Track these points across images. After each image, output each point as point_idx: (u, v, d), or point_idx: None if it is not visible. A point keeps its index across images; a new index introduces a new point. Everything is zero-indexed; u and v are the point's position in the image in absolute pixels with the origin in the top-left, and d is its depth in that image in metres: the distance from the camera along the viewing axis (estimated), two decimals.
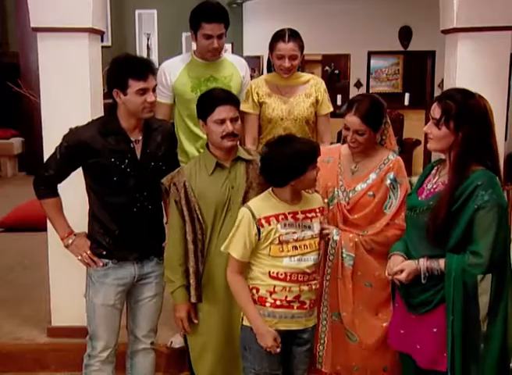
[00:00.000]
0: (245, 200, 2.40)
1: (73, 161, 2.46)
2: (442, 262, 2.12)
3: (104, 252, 2.50)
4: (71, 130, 2.47)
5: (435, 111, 2.14)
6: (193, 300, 2.45)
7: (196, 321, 2.48)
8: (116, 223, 2.48)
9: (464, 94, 2.15)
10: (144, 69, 2.40)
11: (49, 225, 3.29)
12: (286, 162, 2.19)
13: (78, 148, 2.41)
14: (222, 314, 2.47)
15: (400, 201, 2.48)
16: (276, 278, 2.25)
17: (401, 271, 2.20)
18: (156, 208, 2.57)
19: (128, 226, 2.48)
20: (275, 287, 2.26)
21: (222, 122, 2.38)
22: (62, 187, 2.56)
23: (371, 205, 2.49)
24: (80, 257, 2.51)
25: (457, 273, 2.07)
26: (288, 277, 2.25)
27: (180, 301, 2.46)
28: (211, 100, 2.44)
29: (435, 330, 2.16)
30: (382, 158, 2.54)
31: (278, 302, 2.26)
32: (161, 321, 2.72)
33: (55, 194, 2.54)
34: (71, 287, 3.14)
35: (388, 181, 2.50)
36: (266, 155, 2.28)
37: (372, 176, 2.52)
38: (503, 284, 2.11)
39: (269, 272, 2.26)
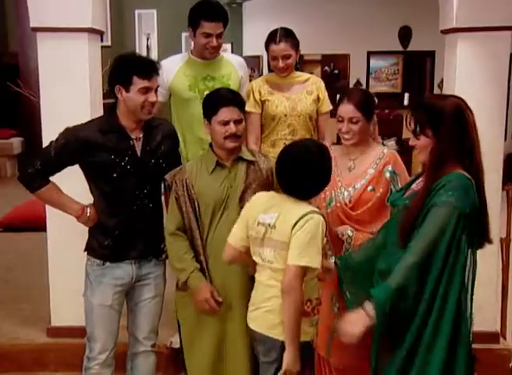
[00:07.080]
0: (242, 199, 2.42)
1: (69, 158, 2.45)
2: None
3: (104, 252, 2.49)
4: (68, 128, 2.47)
5: (411, 123, 2.15)
6: None
7: (220, 299, 2.44)
8: (116, 221, 2.47)
9: (433, 99, 2.16)
10: (150, 68, 2.41)
11: (48, 225, 3.31)
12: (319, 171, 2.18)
13: (76, 144, 2.40)
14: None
15: None
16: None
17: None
18: (156, 207, 2.56)
19: (127, 225, 2.48)
20: (319, 289, 2.34)
21: (226, 123, 2.39)
22: (64, 189, 2.55)
23: (373, 199, 2.50)
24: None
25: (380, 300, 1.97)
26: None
27: (198, 283, 2.43)
28: (216, 100, 2.45)
29: None
30: (377, 153, 2.56)
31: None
32: (162, 321, 2.71)
33: (49, 181, 2.48)
34: (70, 287, 3.13)
35: (387, 174, 2.51)
36: (290, 174, 2.19)
37: (370, 171, 2.54)
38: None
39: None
